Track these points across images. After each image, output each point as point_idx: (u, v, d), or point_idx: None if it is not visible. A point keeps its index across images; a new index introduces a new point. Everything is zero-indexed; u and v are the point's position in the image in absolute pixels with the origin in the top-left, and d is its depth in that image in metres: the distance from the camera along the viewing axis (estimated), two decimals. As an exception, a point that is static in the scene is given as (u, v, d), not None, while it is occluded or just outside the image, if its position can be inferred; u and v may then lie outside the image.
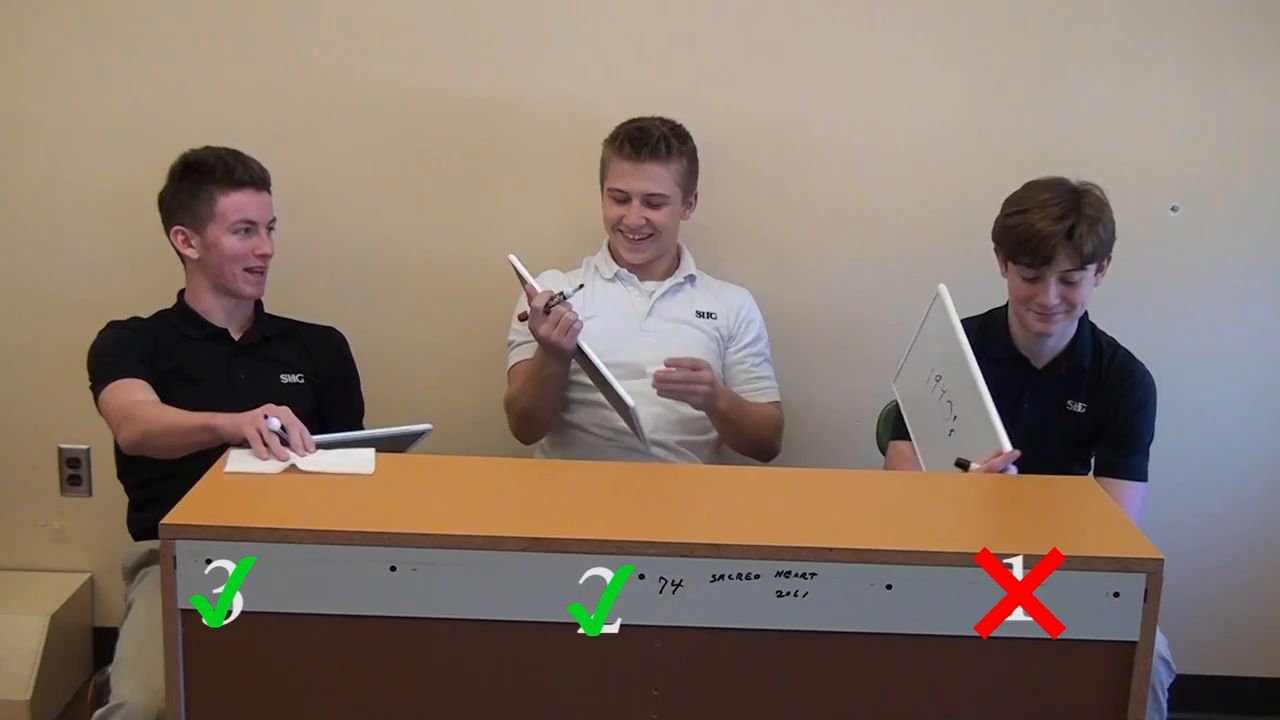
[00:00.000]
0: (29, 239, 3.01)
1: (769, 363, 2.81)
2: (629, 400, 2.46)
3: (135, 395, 2.36)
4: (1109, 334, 2.58)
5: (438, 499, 1.94)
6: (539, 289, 2.52)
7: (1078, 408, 2.53)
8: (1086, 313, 2.52)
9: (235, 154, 2.53)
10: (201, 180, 2.51)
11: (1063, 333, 2.51)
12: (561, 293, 2.52)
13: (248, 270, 2.54)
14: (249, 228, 2.52)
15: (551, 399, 2.66)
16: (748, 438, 2.71)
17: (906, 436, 2.55)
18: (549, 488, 2.09)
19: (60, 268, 3.01)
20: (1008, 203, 2.48)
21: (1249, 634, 3.19)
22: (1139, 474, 2.50)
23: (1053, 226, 2.37)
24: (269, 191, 2.56)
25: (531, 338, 2.66)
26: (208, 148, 2.55)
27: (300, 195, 2.90)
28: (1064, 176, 2.47)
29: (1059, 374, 2.53)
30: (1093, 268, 2.41)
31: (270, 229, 2.56)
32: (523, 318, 2.57)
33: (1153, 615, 1.75)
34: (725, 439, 2.74)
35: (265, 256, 2.54)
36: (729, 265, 2.92)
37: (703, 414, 2.68)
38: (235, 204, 2.50)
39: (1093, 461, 2.56)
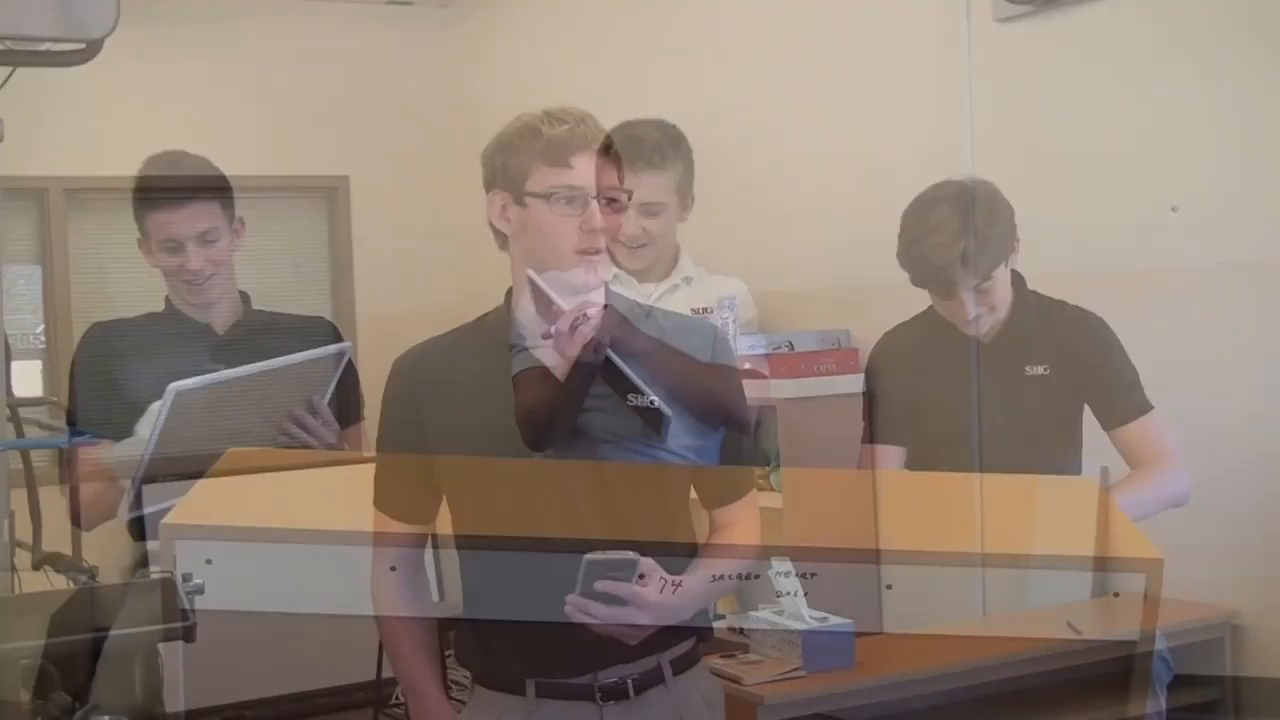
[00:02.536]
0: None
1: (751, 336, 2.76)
2: (667, 410, 2.45)
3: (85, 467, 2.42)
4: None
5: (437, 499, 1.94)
6: (565, 307, 2.51)
7: (1039, 370, 2.51)
8: (1023, 279, 2.51)
9: (168, 164, 2.45)
10: (135, 198, 2.47)
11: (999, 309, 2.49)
12: (585, 314, 2.50)
13: (186, 282, 2.48)
14: (175, 245, 2.44)
15: (575, 408, 2.64)
16: (707, 393, 2.65)
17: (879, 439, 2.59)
18: (549, 488, 2.08)
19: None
20: (902, 226, 2.44)
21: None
22: (1143, 407, 2.47)
23: (946, 257, 2.32)
24: (204, 199, 2.43)
25: (537, 342, 2.66)
26: (152, 158, 2.48)
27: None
28: (949, 179, 2.42)
29: (1005, 343, 2.52)
30: (1000, 270, 2.40)
31: (207, 240, 2.44)
32: (546, 336, 2.56)
33: (1153, 615, 1.74)
34: (685, 402, 2.67)
35: (193, 272, 2.44)
36: (727, 263, 2.92)
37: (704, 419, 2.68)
38: (156, 224, 2.43)
39: (1099, 442, 2.54)
